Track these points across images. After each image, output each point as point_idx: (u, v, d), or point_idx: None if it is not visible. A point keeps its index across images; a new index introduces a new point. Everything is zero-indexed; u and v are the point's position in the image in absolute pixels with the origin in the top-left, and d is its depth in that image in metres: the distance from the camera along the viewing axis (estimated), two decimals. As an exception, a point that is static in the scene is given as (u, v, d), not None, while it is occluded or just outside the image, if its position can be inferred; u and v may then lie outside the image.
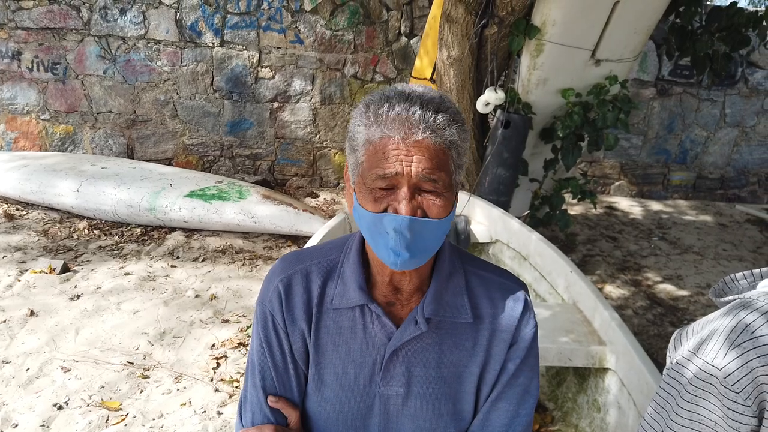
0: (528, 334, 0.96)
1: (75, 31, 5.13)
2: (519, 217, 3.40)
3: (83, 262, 3.75)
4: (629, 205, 5.95)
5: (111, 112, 5.38)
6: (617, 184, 6.26)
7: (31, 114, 5.34)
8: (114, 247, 4.03)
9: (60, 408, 2.33)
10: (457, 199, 0.92)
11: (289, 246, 4.29)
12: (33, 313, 3.02)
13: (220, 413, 2.36)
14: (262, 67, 5.37)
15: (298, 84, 5.46)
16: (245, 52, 5.31)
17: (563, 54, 3.40)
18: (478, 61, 3.66)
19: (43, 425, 2.23)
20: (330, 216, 4.50)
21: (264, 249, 4.20)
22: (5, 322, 2.92)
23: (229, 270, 3.79)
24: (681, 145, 6.20)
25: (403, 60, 5.48)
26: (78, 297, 3.25)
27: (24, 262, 3.64)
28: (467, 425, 0.99)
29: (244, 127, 5.56)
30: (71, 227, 4.31)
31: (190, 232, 4.37)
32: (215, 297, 3.38)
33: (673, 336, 0.92)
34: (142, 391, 2.47)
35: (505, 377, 0.96)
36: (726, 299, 0.90)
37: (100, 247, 4.00)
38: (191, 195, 4.31)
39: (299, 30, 5.29)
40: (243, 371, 0.86)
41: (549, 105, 3.70)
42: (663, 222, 5.52)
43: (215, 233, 4.36)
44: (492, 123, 3.90)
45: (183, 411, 2.36)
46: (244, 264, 3.90)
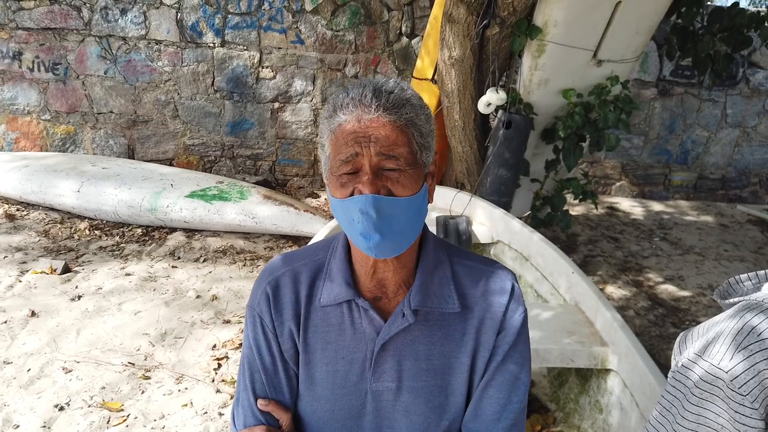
0: (516, 320, 0.96)
1: (76, 32, 5.13)
2: (520, 218, 3.40)
3: (84, 262, 3.75)
4: (630, 206, 5.95)
5: (112, 112, 5.38)
6: (618, 184, 6.26)
7: (32, 114, 5.34)
8: (115, 248, 4.02)
9: (61, 409, 2.33)
10: (431, 184, 0.93)
11: (290, 246, 4.29)
12: (34, 314, 3.02)
13: (221, 414, 2.36)
14: (263, 68, 5.37)
15: (299, 84, 5.46)
16: (246, 52, 5.31)
17: (565, 54, 3.39)
18: (479, 62, 3.66)
19: (45, 426, 2.22)
20: (331, 216, 4.50)
21: (265, 249, 4.19)
22: (6, 322, 2.92)
23: (230, 270, 3.79)
24: (682, 146, 6.19)
25: (404, 60, 5.47)
26: (79, 297, 3.25)
27: (25, 262, 3.64)
28: (461, 417, 0.98)
29: (245, 128, 5.56)
30: (72, 228, 4.31)
31: (191, 232, 4.37)
32: (216, 297, 3.38)
33: (678, 338, 0.91)
34: (143, 392, 2.47)
35: (494, 364, 0.96)
36: (731, 301, 0.89)
37: (101, 248, 4.00)
38: (192, 195, 4.31)
39: (300, 30, 5.29)
40: (236, 390, 0.86)
41: (550, 105, 3.70)
42: (664, 222, 5.51)
43: (216, 234, 4.36)
44: (493, 123, 3.89)
45: (184, 412, 2.36)
46: (245, 264, 3.90)
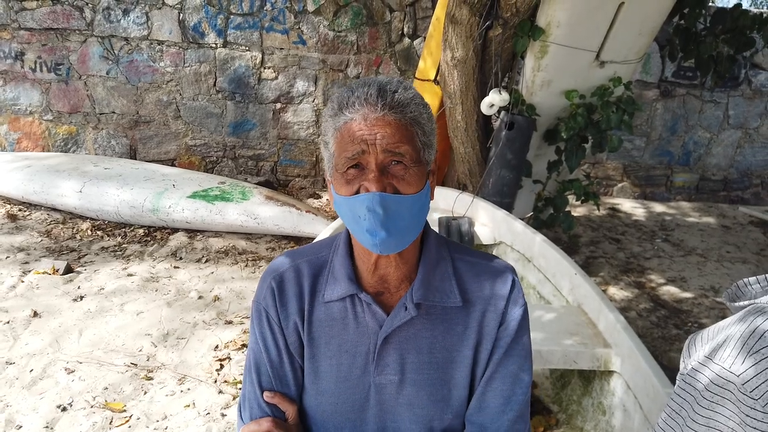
0: (517, 313, 0.97)
1: (78, 32, 5.13)
2: (522, 219, 3.39)
3: (86, 262, 3.75)
4: (632, 207, 5.94)
5: (114, 112, 5.38)
6: (620, 185, 6.25)
7: (34, 114, 5.34)
8: (117, 248, 4.02)
9: (64, 409, 2.32)
10: (433, 182, 0.95)
11: (292, 247, 4.29)
12: (36, 314, 3.02)
13: (223, 415, 2.36)
14: (265, 68, 5.37)
15: (300, 85, 5.46)
16: (248, 52, 5.31)
17: (567, 55, 3.39)
18: (482, 63, 3.66)
19: (47, 427, 2.22)
20: (333, 217, 4.50)
21: (267, 250, 4.19)
22: (9, 323, 2.92)
23: (232, 271, 3.79)
24: (684, 147, 6.19)
25: (406, 61, 5.47)
26: (81, 298, 3.25)
27: (27, 262, 3.64)
28: (464, 410, 0.99)
29: (246, 128, 5.56)
30: (74, 228, 4.31)
31: (192, 233, 4.37)
32: (218, 298, 3.38)
33: (687, 341, 0.91)
34: (145, 393, 2.47)
35: (497, 357, 0.97)
36: (740, 304, 0.89)
37: (103, 248, 4.00)
38: (194, 196, 4.31)
39: (302, 31, 5.29)
40: (242, 384, 0.87)
41: (553, 106, 3.70)
42: (666, 224, 5.51)
43: (218, 234, 4.36)
44: (496, 124, 3.89)
45: (187, 412, 2.36)
46: (247, 265, 3.90)
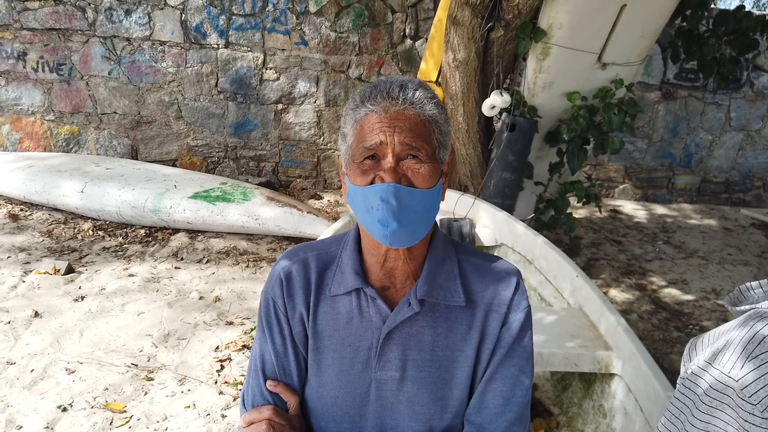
0: (520, 314, 0.99)
1: (80, 32, 5.14)
2: (524, 221, 3.39)
3: (87, 263, 3.75)
4: (633, 209, 5.93)
5: (116, 113, 5.39)
6: (621, 187, 6.25)
7: (36, 114, 5.35)
8: (118, 248, 4.03)
9: (64, 410, 2.32)
10: (445, 182, 0.97)
11: (293, 248, 4.29)
12: (37, 314, 3.02)
13: (224, 416, 2.36)
14: (266, 69, 5.38)
15: (302, 86, 5.46)
16: (250, 53, 5.31)
17: (569, 57, 3.39)
18: (483, 64, 3.65)
19: (48, 427, 2.22)
20: (334, 218, 4.50)
21: (268, 251, 4.19)
22: (10, 323, 2.92)
23: (233, 272, 3.79)
24: (686, 149, 6.18)
25: (408, 62, 5.47)
26: (82, 298, 3.25)
27: (28, 262, 3.65)
28: (463, 410, 1.00)
29: (248, 129, 5.57)
30: (75, 228, 4.31)
31: (194, 233, 4.37)
32: (219, 299, 3.38)
33: (688, 345, 0.91)
34: (146, 393, 2.47)
35: (498, 357, 0.97)
36: (742, 308, 0.89)
37: (104, 248, 4.01)
38: (195, 196, 4.31)
39: (304, 32, 5.29)
40: (247, 374, 0.87)
41: (555, 108, 3.69)
42: (667, 226, 5.50)
43: (219, 235, 4.36)
44: (497, 126, 3.89)
45: (187, 413, 2.36)
46: (248, 266, 3.90)
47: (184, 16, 5.15)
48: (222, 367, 2.69)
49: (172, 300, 3.31)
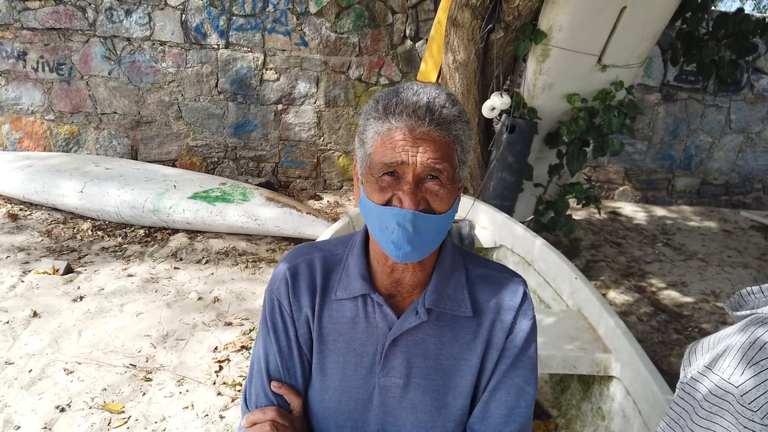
0: (525, 325, 0.98)
1: (80, 32, 5.14)
2: (523, 222, 3.39)
3: (86, 263, 3.75)
4: (633, 211, 5.93)
5: (115, 113, 5.39)
6: (621, 189, 6.25)
7: (36, 114, 5.35)
8: (117, 249, 4.02)
9: (62, 410, 2.32)
10: (460, 197, 0.95)
11: (293, 249, 4.28)
12: (36, 314, 3.02)
13: (222, 417, 2.35)
14: (266, 69, 5.37)
15: (302, 86, 5.46)
16: (250, 54, 5.31)
17: (569, 59, 3.39)
18: (483, 66, 3.65)
19: (45, 427, 2.22)
20: (334, 219, 4.50)
21: (267, 251, 4.19)
22: (8, 323, 2.92)
23: (232, 272, 3.78)
24: (686, 151, 6.18)
25: (408, 63, 5.47)
26: (81, 298, 3.24)
27: (27, 262, 3.64)
28: (465, 419, 0.99)
29: (248, 129, 5.56)
30: (75, 228, 4.31)
31: (193, 233, 4.37)
32: (218, 299, 3.38)
33: (688, 349, 0.91)
34: (144, 394, 2.47)
35: (503, 367, 0.97)
36: (742, 313, 0.88)
37: (103, 248, 4.00)
38: (195, 197, 4.31)
39: (304, 32, 5.29)
40: (245, 375, 0.86)
41: (554, 110, 3.69)
42: (667, 228, 5.50)
43: (218, 235, 4.36)
44: (497, 127, 3.89)
45: (185, 414, 2.35)
46: (247, 266, 3.89)
47: (184, 16, 5.15)
48: (220, 368, 2.69)
49: (170, 300, 3.30)
